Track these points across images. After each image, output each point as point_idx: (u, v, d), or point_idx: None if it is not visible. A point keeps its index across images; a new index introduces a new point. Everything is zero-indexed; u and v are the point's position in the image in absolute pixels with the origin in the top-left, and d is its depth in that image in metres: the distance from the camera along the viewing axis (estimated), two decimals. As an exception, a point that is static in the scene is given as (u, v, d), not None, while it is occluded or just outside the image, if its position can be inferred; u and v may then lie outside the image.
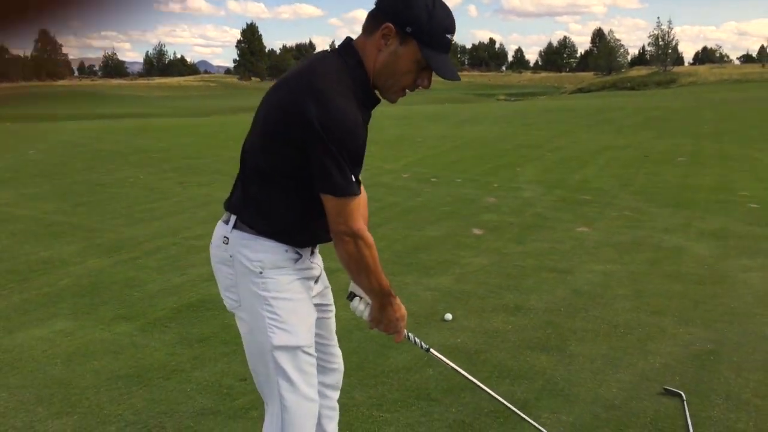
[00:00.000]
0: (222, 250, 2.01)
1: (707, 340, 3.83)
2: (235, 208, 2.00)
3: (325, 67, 1.87)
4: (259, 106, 1.99)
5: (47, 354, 3.77)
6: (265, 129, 1.91)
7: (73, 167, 11.89)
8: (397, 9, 1.82)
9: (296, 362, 2.01)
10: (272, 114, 1.90)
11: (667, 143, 14.01)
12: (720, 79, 73.93)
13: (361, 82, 1.89)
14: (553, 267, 5.31)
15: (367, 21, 1.90)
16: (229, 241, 1.98)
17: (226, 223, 2.02)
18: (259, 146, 1.94)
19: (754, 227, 6.55)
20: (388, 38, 1.84)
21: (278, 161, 1.89)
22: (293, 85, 1.87)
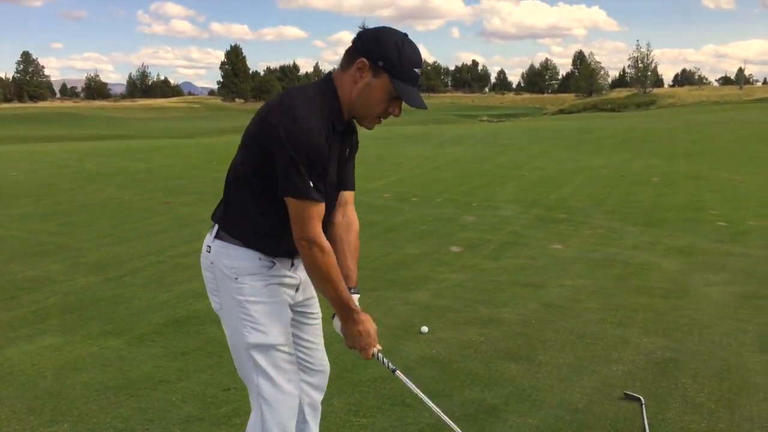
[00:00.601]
0: (205, 258, 2.22)
1: (668, 349, 4.04)
2: (217, 218, 2.23)
3: (301, 91, 2.11)
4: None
5: (37, 368, 3.90)
6: (245, 139, 2.14)
7: (57, 188, 12.00)
8: (370, 46, 2.05)
9: (272, 359, 2.20)
10: (251, 126, 2.13)
11: (643, 164, 14.38)
12: (698, 101, 75.29)
13: (333, 110, 2.10)
14: (526, 282, 5.53)
15: (344, 58, 2.12)
16: (211, 249, 2.20)
17: (210, 233, 2.24)
18: (240, 156, 2.16)
19: (720, 244, 6.82)
20: (362, 71, 2.06)
21: (250, 166, 2.11)
22: (271, 103, 2.11)
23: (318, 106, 2.06)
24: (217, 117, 78.64)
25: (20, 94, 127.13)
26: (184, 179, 13.04)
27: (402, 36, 2.10)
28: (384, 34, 2.08)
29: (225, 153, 19.73)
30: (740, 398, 3.40)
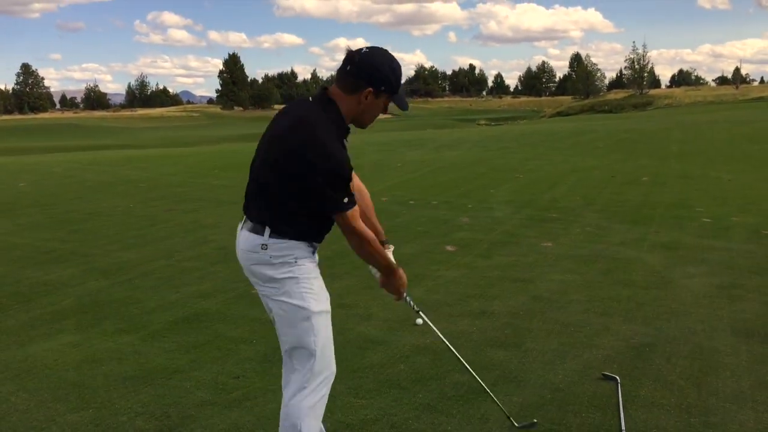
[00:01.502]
0: (261, 255, 2.58)
1: (646, 335, 4.35)
2: (267, 222, 2.58)
3: (317, 117, 2.50)
4: (267, 144, 2.60)
5: (58, 362, 4.20)
6: (273, 165, 2.54)
7: (64, 197, 12.32)
8: (372, 76, 2.49)
9: (326, 322, 2.65)
10: (288, 162, 2.48)
11: (634, 164, 14.70)
12: (695, 101, 75.70)
13: (341, 127, 2.55)
14: (516, 277, 5.83)
15: (345, 80, 2.52)
16: (268, 246, 2.56)
17: (257, 233, 2.58)
18: (278, 183, 2.53)
19: (704, 239, 7.12)
20: (368, 96, 2.51)
21: (285, 190, 2.53)
22: (296, 131, 2.50)
23: (333, 130, 2.49)
24: (217, 125, 79.02)
25: (21, 105, 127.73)
26: (185, 187, 13.35)
27: (390, 56, 2.55)
28: (380, 61, 2.51)
29: (225, 161, 20.15)
30: (709, 377, 3.71)
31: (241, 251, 2.66)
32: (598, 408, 3.37)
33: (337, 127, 2.51)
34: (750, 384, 3.59)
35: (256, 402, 3.56)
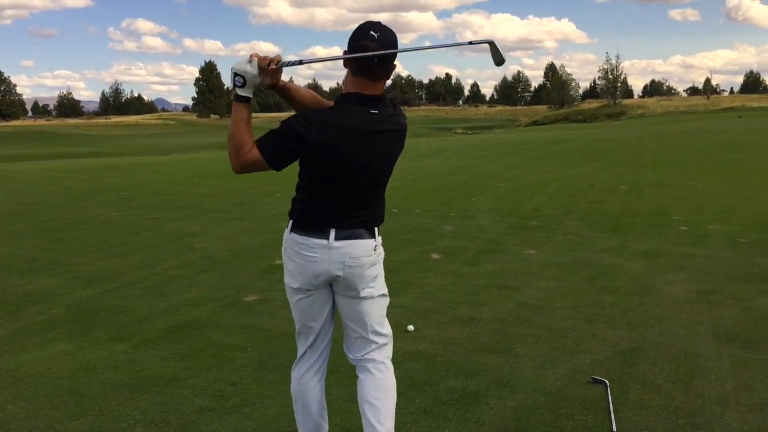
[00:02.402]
0: (376, 256, 2.78)
1: (631, 340, 4.47)
2: (375, 223, 2.79)
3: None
4: (384, 150, 2.77)
5: (53, 370, 4.21)
6: (393, 156, 2.90)
7: (43, 206, 12.20)
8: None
9: None
10: (395, 143, 2.88)
11: (612, 173, 14.97)
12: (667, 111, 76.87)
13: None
14: (502, 284, 5.94)
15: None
16: (377, 247, 2.79)
17: (370, 237, 2.75)
18: (388, 170, 2.85)
19: (682, 247, 7.31)
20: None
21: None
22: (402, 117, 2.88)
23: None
24: (193, 133, 78.48)
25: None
26: (168, 195, 13.30)
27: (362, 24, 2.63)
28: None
29: (206, 169, 20.07)
30: (694, 380, 3.84)
31: (353, 259, 2.72)
32: (590, 410, 3.47)
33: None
34: (733, 387, 3.73)
35: (254, 408, 3.61)
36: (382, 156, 2.69)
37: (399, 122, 2.74)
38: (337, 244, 2.66)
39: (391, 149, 2.74)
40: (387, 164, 2.75)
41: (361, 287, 2.77)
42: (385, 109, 2.67)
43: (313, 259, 2.69)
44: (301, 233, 2.70)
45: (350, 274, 2.71)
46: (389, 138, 2.70)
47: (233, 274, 6.57)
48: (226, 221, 9.98)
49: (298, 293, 2.80)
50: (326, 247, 2.66)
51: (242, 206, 11.38)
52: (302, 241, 2.70)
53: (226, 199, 12.52)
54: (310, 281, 2.74)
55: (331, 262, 2.68)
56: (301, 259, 2.71)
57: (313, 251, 2.68)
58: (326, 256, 2.67)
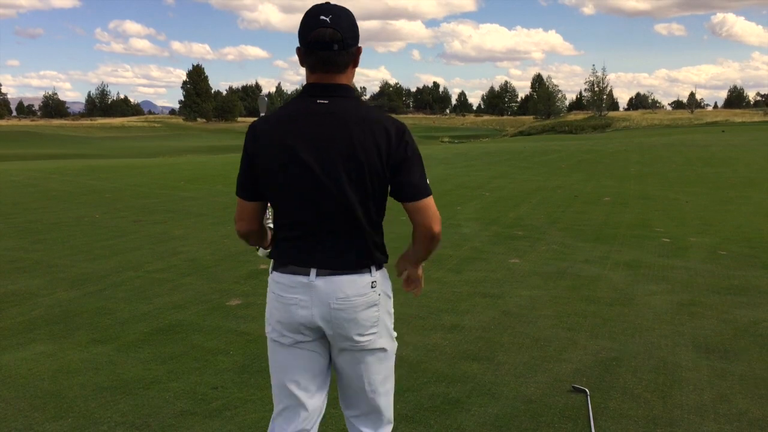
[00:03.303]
0: (370, 296, 2.24)
1: (612, 350, 4.51)
2: (371, 253, 2.28)
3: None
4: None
5: (33, 372, 4.18)
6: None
7: (26, 207, 12.12)
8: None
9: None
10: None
11: (596, 184, 15.10)
12: (651, 124, 77.88)
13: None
14: (486, 293, 5.98)
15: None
16: (377, 283, 2.27)
17: (364, 272, 2.24)
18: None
19: (663, 258, 7.39)
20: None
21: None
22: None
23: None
24: (179, 136, 78.21)
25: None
26: (152, 198, 13.25)
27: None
28: None
29: (191, 173, 20.04)
30: (673, 390, 3.88)
31: (340, 300, 2.21)
32: (569, 419, 3.50)
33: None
34: (711, 397, 3.77)
35: (236, 412, 3.60)
36: (334, 159, 2.12)
37: (365, 115, 2.15)
38: (319, 282, 2.19)
39: (349, 149, 2.12)
40: (351, 171, 2.13)
41: (357, 335, 2.24)
42: (341, 102, 2.15)
43: (292, 302, 2.22)
44: (281, 270, 2.26)
45: (338, 318, 2.21)
46: (345, 135, 2.11)
47: (217, 278, 6.56)
48: (211, 225, 9.95)
49: (276, 344, 2.32)
50: (307, 285, 2.20)
51: (226, 210, 11.35)
52: (281, 279, 2.25)
53: (210, 203, 12.50)
54: (291, 329, 2.26)
55: (314, 304, 2.20)
56: (279, 302, 2.25)
57: (293, 291, 2.22)
58: (308, 297, 2.20)
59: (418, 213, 2.23)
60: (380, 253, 2.32)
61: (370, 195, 2.19)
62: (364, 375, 2.32)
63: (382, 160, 2.15)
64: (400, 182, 2.21)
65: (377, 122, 2.15)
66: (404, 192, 2.22)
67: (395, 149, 2.16)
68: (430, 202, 2.23)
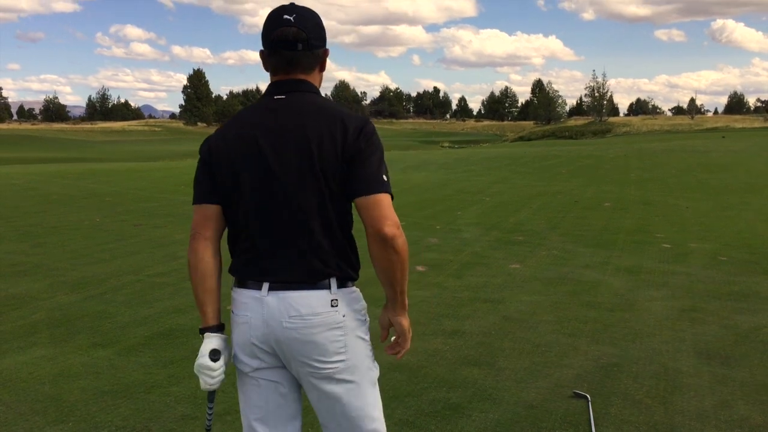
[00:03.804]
0: (329, 316, 1.93)
1: (613, 356, 4.51)
2: (330, 266, 1.96)
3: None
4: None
5: (34, 376, 4.18)
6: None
7: (26, 210, 12.13)
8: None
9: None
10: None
11: (596, 190, 15.11)
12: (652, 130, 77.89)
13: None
14: (486, 298, 5.98)
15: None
16: (339, 302, 1.95)
17: (321, 287, 1.94)
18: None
19: (664, 264, 7.39)
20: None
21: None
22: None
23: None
24: (179, 140, 78.28)
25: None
26: (153, 202, 13.26)
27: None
28: None
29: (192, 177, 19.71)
30: (674, 396, 3.87)
31: (293, 319, 1.94)
32: (571, 424, 3.50)
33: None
34: (712, 404, 3.77)
35: (237, 416, 3.55)
36: (286, 155, 1.92)
37: (321, 107, 1.97)
38: (271, 298, 1.93)
39: (303, 143, 1.90)
40: (305, 167, 1.90)
41: (318, 361, 1.95)
42: (298, 96, 1.98)
43: (245, 320, 1.98)
44: (237, 285, 2.04)
45: (293, 340, 1.92)
46: (298, 127, 1.92)
47: (218, 282, 6.55)
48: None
49: (238, 372, 2.09)
50: (259, 301, 1.95)
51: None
52: (236, 296, 2.03)
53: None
54: (246, 352, 2.01)
55: (267, 322, 1.94)
56: (236, 322, 2.02)
57: (245, 309, 1.98)
58: (260, 313, 1.95)
59: (366, 211, 1.87)
60: (345, 265, 1.98)
61: (327, 195, 1.91)
62: (336, 411, 2.01)
63: (338, 154, 1.89)
64: (350, 175, 1.91)
65: (334, 114, 1.94)
66: (352, 186, 1.91)
67: (352, 141, 1.90)
68: (382, 199, 1.88)
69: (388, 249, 1.87)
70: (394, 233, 1.86)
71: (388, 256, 1.88)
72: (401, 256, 1.89)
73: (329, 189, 1.91)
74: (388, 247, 1.87)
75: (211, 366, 1.99)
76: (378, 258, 1.90)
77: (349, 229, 2.01)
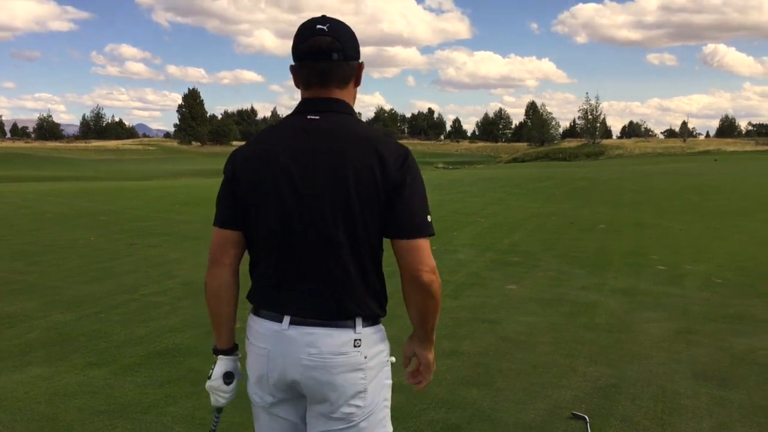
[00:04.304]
0: (351, 357, 1.83)
1: (611, 377, 4.52)
2: (357, 303, 1.87)
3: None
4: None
5: (29, 395, 4.15)
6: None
7: (20, 229, 12.08)
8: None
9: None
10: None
11: (590, 211, 15.17)
12: (644, 152, 78.45)
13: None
14: (484, 318, 5.98)
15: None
16: (362, 342, 1.85)
17: (345, 326, 1.85)
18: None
19: (659, 286, 7.41)
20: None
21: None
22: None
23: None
24: (174, 159, 78.32)
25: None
26: (148, 221, 13.23)
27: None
28: None
29: (186, 196, 20.00)
30: (672, 417, 3.88)
31: (313, 357, 1.84)
32: (569, 446, 3.50)
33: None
34: (710, 426, 3.77)
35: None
36: (319, 181, 1.80)
37: (360, 133, 1.84)
38: (292, 332, 1.83)
39: (339, 170, 1.79)
40: (338, 196, 1.79)
41: (333, 403, 1.85)
42: (334, 117, 1.85)
43: (263, 352, 1.88)
44: (256, 314, 1.94)
45: (311, 379, 1.83)
46: (335, 153, 1.80)
47: (214, 301, 6.53)
48: (207, 248, 9.81)
49: (255, 406, 2.02)
50: (278, 334, 1.85)
51: (223, 234, 11.33)
52: (254, 325, 1.93)
53: (206, 226, 12.41)
54: (264, 385, 1.92)
55: (286, 357, 1.84)
56: (253, 352, 1.93)
57: (264, 340, 1.88)
58: (279, 347, 1.85)
59: (405, 253, 1.81)
60: (373, 303, 1.89)
61: (361, 228, 1.81)
62: None
63: (377, 185, 1.78)
64: (393, 213, 1.81)
65: (376, 141, 1.82)
66: (395, 225, 1.81)
67: (394, 172, 1.78)
68: (422, 244, 1.81)
69: (425, 294, 1.84)
70: (431, 279, 1.82)
71: (424, 301, 1.85)
72: (436, 300, 1.86)
73: (364, 221, 1.81)
74: (425, 293, 1.83)
75: (225, 389, 2.02)
76: (413, 302, 1.87)
77: (380, 264, 1.92)
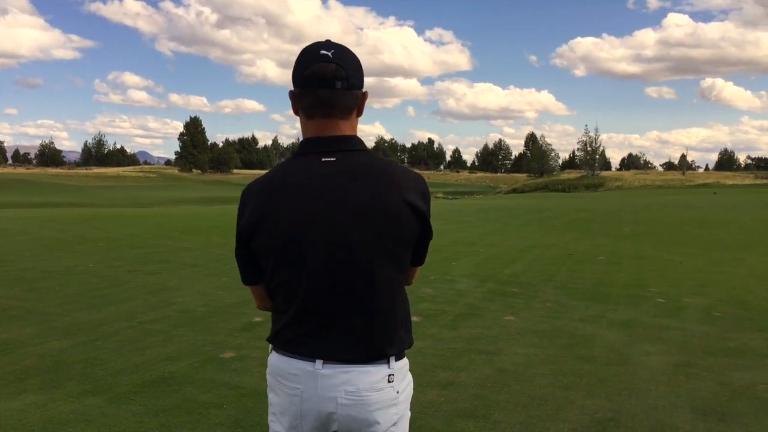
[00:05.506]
0: (386, 392, 1.82)
1: (609, 410, 4.48)
2: (387, 341, 1.84)
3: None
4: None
5: (23, 422, 4.11)
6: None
7: (19, 255, 12.06)
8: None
9: None
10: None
11: (590, 243, 15.18)
12: (644, 185, 78.70)
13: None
14: (481, 349, 5.95)
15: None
16: (395, 377, 1.84)
17: (379, 363, 1.82)
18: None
19: (659, 319, 7.39)
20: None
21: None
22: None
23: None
24: (174, 187, 78.51)
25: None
26: (147, 248, 13.22)
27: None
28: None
29: (186, 224, 20.03)
30: (671, 452, 3.84)
31: (350, 395, 1.80)
32: (567, 480, 3.46)
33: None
34: (709, 460, 3.74)
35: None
36: (346, 224, 1.75)
37: (385, 169, 1.81)
38: (326, 371, 1.80)
39: (363, 213, 1.75)
40: (364, 237, 1.75)
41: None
42: (351, 157, 1.80)
43: (295, 392, 1.84)
44: (283, 353, 1.88)
45: (347, 417, 1.80)
46: (356, 196, 1.76)
47: (211, 330, 6.51)
48: (205, 276, 9.92)
49: None
50: (312, 374, 1.81)
51: (221, 262, 11.33)
52: (280, 363, 1.88)
53: (205, 254, 12.47)
54: (291, 424, 1.86)
55: (320, 397, 1.81)
56: (281, 390, 1.88)
57: (295, 381, 1.83)
58: (313, 387, 1.81)
59: (407, 278, 1.98)
60: (404, 334, 1.89)
61: (399, 267, 1.83)
62: None
63: (414, 222, 1.80)
64: (416, 247, 1.90)
65: (398, 177, 1.79)
66: (413, 258, 1.92)
67: (424, 209, 1.82)
68: (417, 269, 2.04)
69: None
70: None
71: None
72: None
73: (402, 260, 1.83)
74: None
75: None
76: None
77: (407, 298, 1.96)
